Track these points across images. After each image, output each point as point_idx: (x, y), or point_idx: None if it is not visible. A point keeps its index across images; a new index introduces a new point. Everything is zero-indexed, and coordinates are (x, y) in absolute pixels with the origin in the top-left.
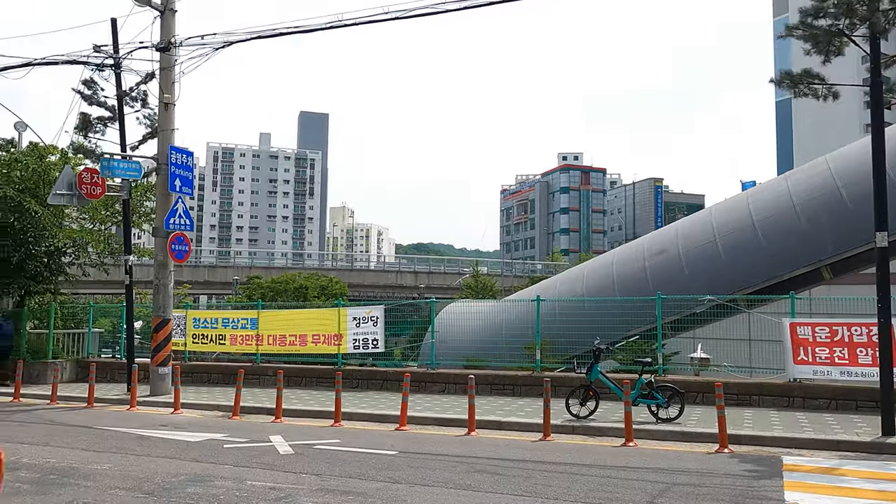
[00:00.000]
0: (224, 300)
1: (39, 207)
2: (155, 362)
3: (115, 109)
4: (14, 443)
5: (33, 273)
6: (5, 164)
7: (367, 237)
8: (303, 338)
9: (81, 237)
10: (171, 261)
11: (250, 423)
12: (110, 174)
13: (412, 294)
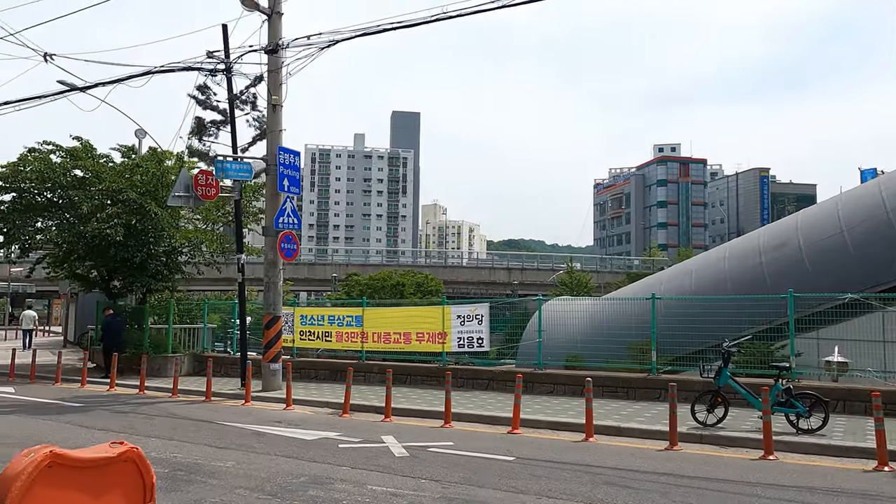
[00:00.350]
0: (323, 297)
1: (159, 209)
2: (266, 358)
3: (227, 113)
4: (142, 436)
5: (154, 272)
6: (127, 169)
7: (458, 234)
8: (407, 335)
9: (196, 237)
10: (281, 259)
11: (361, 422)
12: (224, 175)
13: (505, 291)
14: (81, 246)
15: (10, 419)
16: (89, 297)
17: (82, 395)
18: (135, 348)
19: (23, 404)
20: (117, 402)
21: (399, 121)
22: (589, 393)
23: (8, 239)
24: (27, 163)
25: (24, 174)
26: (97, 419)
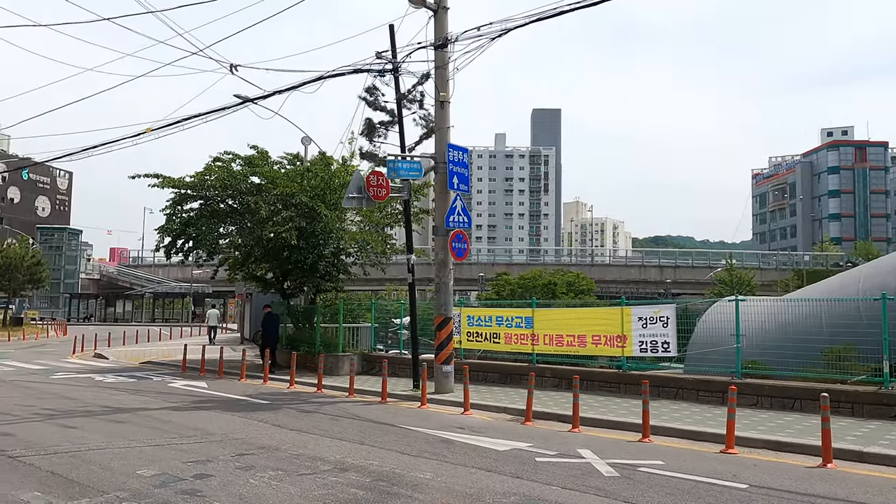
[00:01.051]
0: (467, 296)
1: (328, 211)
2: (439, 360)
3: (394, 113)
4: (333, 438)
5: (323, 272)
6: (298, 174)
7: (601, 232)
8: (581, 338)
9: (363, 238)
10: (451, 259)
11: (547, 431)
12: (395, 175)
13: (657, 290)
14: (259, 249)
15: (210, 415)
16: (263, 297)
17: (266, 392)
18: (308, 347)
19: (217, 400)
20: (300, 401)
21: (539, 118)
22: (826, 411)
23: (196, 244)
24: (212, 172)
25: (209, 183)
26: (287, 418)
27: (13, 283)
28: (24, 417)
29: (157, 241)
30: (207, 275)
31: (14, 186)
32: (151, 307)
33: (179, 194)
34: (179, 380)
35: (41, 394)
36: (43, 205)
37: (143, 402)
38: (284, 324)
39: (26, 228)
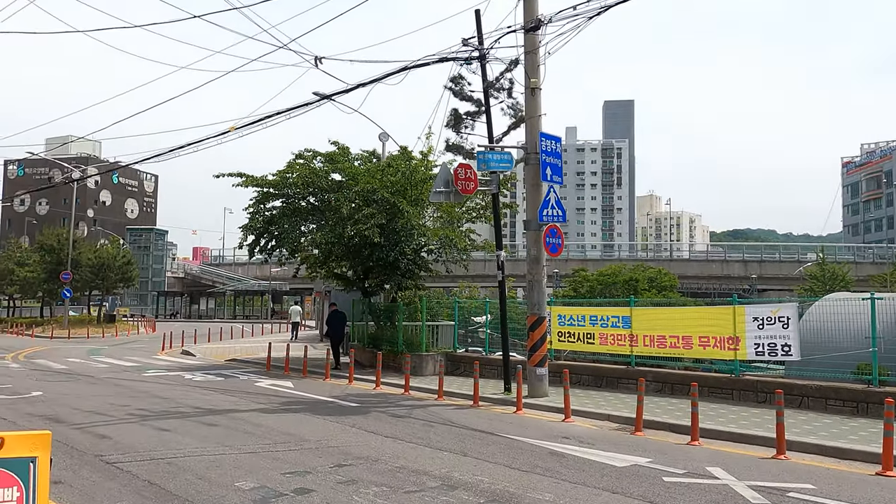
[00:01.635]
0: None
1: (410, 207)
2: (532, 362)
3: (481, 102)
4: (433, 448)
5: (404, 270)
6: (379, 170)
7: (677, 225)
8: (687, 339)
9: (446, 234)
10: (545, 255)
11: (662, 444)
12: (486, 167)
13: (741, 286)
14: (340, 247)
15: (301, 418)
16: (342, 295)
17: (353, 394)
18: (390, 346)
19: (304, 401)
20: (388, 404)
21: (612, 110)
22: None
23: (278, 242)
24: (293, 169)
25: (290, 180)
26: (379, 424)
27: (106, 282)
28: (119, 418)
29: (240, 238)
30: (287, 273)
31: (105, 190)
32: (232, 304)
33: (262, 193)
34: (265, 379)
35: (134, 392)
36: (132, 207)
37: (233, 402)
38: (366, 322)
39: (117, 229)
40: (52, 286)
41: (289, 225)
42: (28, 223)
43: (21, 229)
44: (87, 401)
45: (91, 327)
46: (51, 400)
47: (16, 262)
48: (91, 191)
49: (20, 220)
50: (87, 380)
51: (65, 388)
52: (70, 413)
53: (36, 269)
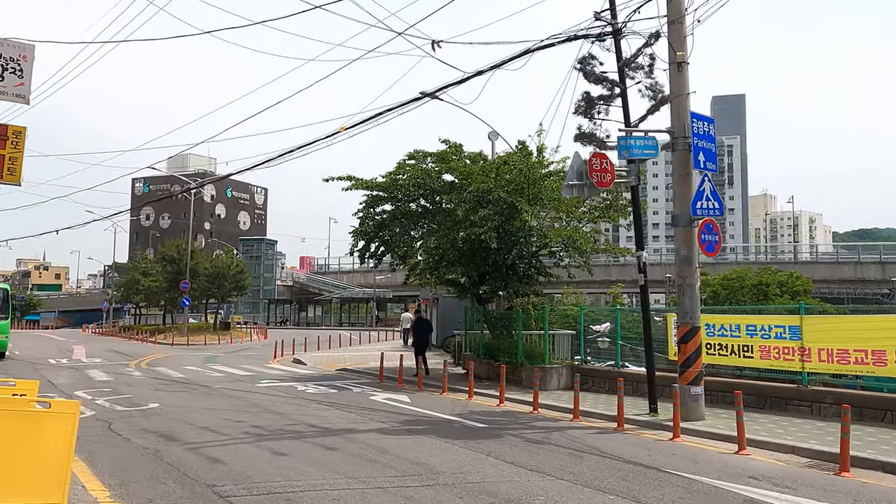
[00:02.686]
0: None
1: (529, 207)
2: (685, 379)
3: (614, 84)
4: (594, 489)
5: (522, 274)
6: (493, 167)
7: (795, 226)
8: (880, 355)
9: (569, 235)
10: (697, 255)
11: (887, 490)
12: (627, 154)
13: (879, 290)
14: (453, 252)
15: (427, 442)
16: (449, 301)
17: (477, 411)
18: (507, 357)
19: (426, 420)
20: (519, 425)
21: (721, 105)
22: None
23: (389, 247)
24: (404, 170)
25: (401, 182)
26: (518, 452)
27: (221, 290)
28: (233, 437)
29: (350, 244)
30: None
31: (220, 203)
32: (339, 312)
33: (371, 196)
34: (379, 392)
35: (249, 406)
36: (244, 219)
37: (350, 420)
38: (481, 331)
39: (231, 241)
40: (172, 295)
41: (399, 229)
42: (153, 236)
43: (147, 242)
44: (201, 415)
45: (208, 334)
46: (166, 413)
47: (141, 273)
48: (207, 205)
49: (146, 234)
50: (202, 390)
51: (180, 400)
52: (184, 429)
53: (158, 278)
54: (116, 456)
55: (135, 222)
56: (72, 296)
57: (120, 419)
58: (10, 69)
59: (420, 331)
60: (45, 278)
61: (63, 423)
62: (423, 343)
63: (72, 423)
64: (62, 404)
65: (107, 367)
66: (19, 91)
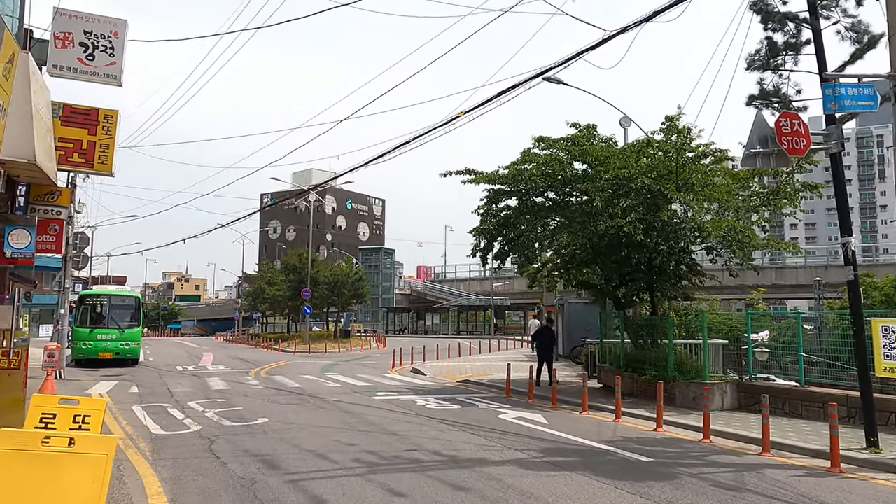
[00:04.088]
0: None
1: (679, 194)
2: None
3: (798, 28)
4: None
5: (671, 274)
6: (633, 152)
7: None
8: None
9: (732, 227)
10: None
11: None
12: (837, 107)
13: None
14: (588, 248)
15: (581, 483)
16: (577, 307)
17: (631, 438)
18: (655, 370)
19: (571, 449)
20: (692, 459)
21: None
22: None
23: (514, 246)
24: (530, 158)
25: (528, 173)
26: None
27: (341, 298)
28: (343, 466)
29: (472, 244)
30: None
31: (341, 215)
32: (456, 320)
33: (492, 191)
34: (508, 409)
35: (363, 424)
36: (363, 230)
37: (479, 447)
38: (622, 340)
39: (351, 251)
40: (295, 303)
41: (525, 226)
42: (279, 248)
43: (274, 254)
44: (310, 435)
45: (328, 342)
46: (273, 431)
47: (266, 282)
48: (328, 217)
49: (273, 246)
50: (315, 403)
51: (292, 414)
52: (288, 454)
53: (282, 287)
54: (205, 487)
55: (263, 235)
56: (208, 305)
57: (223, 437)
58: (100, 47)
59: (543, 340)
60: (186, 289)
61: (90, 467)
62: (546, 353)
63: (102, 468)
64: (92, 441)
65: (228, 375)
66: (110, 71)
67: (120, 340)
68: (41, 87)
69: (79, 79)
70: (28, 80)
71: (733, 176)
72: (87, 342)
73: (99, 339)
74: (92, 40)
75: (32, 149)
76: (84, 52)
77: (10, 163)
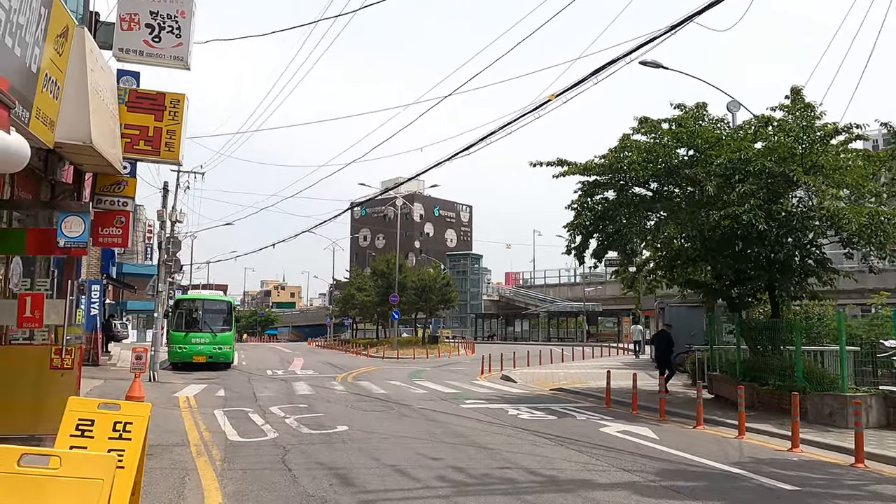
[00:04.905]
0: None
1: (807, 178)
2: None
3: None
4: None
5: (796, 270)
6: (748, 133)
7: None
8: None
9: (879, 215)
10: None
11: None
12: None
13: None
14: (697, 242)
15: None
16: (679, 311)
17: (760, 458)
18: (779, 380)
19: (692, 471)
20: (849, 489)
21: None
22: None
23: (612, 242)
24: (630, 145)
25: (628, 160)
26: None
27: (429, 304)
28: (425, 485)
29: (567, 241)
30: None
31: (429, 223)
32: (546, 326)
33: (587, 183)
34: (610, 421)
35: (449, 435)
36: (450, 236)
37: (582, 466)
38: (737, 346)
39: (439, 258)
40: (383, 308)
41: (627, 218)
42: (369, 255)
43: (364, 262)
44: (392, 446)
45: (417, 348)
46: (352, 441)
47: (356, 288)
48: (416, 224)
49: (363, 254)
50: (400, 411)
51: (374, 423)
52: (365, 468)
53: (371, 293)
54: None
55: (353, 243)
56: (302, 312)
57: (299, 447)
58: (166, 28)
59: (660, 347)
60: (283, 297)
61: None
62: (667, 359)
63: (95, 496)
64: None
65: (314, 379)
66: (177, 52)
67: (213, 344)
68: (102, 69)
69: (145, 62)
70: (84, 57)
71: (866, 158)
72: (181, 346)
73: (193, 342)
74: (158, 21)
75: (88, 130)
76: (150, 33)
77: (66, 146)
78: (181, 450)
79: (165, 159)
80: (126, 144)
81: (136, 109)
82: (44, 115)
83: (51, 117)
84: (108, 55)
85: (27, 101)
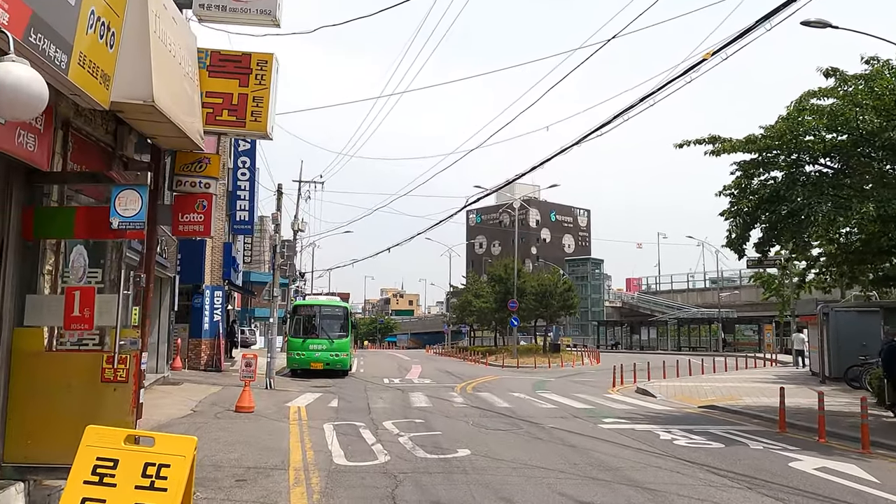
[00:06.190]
0: None
1: None
2: None
3: None
4: None
5: None
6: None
7: None
8: None
9: None
10: None
11: None
12: None
13: None
14: (891, 232)
15: None
16: (848, 316)
17: None
18: None
19: None
20: None
21: None
22: None
23: (784, 228)
24: (809, 109)
25: (805, 129)
26: None
27: (549, 310)
28: None
29: (727, 231)
30: (738, 298)
31: (545, 228)
32: (676, 334)
33: (745, 163)
34: (796, 452)
35: (594, 467)
36: (568, 242)
37: None
38: None
39: (556, 264)
40: (501, 315)
41: (804, 198)
42: (485, 262)
43: (480, 269)
44: (524, 480)
45: (537, 357)
46: (475, 471)
47: (473, 295)
48: (533, 230)
49: (479, 261)
50: (528, 430)
51: (499, 445)
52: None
53: (488, 299)
54: None
55: (469, 250)
56: (420, 319)
57: (412, 476)
58: None
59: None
60: (401, 304)
61: None
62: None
63: None
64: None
65: (431, 389)
66: (264, 5)
67: (330, 351)
68: (174, 19)
69: (229, 19)
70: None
71: None
72: (300, 352)
73: (311, 349)
74: None
75: (150, 86)
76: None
77: (127, 108)
78: (278, 475)
79: (252, 130)
80: (208, 116)
81: (219, 74)
82: (92, 65)
83: (103, 69)
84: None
85: (62, 41)
